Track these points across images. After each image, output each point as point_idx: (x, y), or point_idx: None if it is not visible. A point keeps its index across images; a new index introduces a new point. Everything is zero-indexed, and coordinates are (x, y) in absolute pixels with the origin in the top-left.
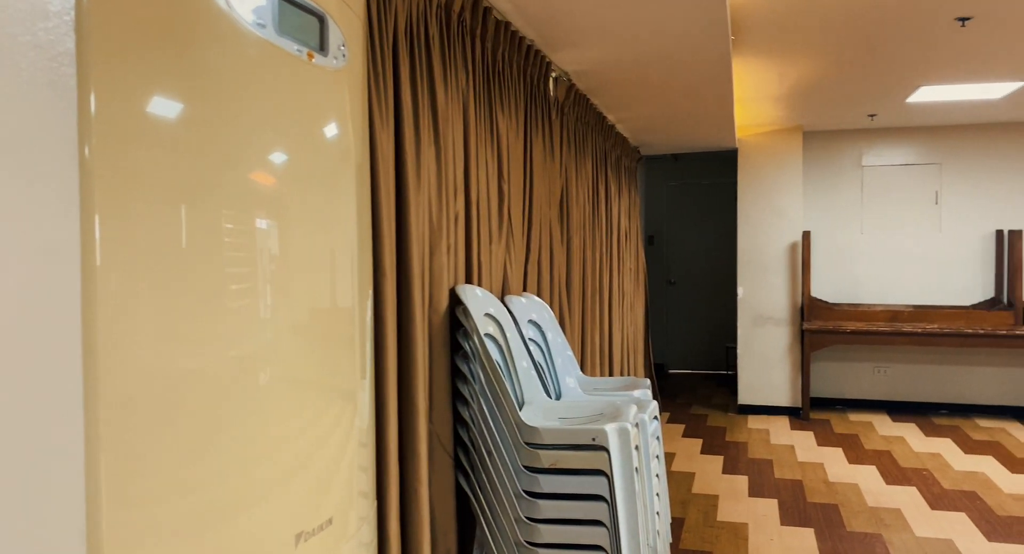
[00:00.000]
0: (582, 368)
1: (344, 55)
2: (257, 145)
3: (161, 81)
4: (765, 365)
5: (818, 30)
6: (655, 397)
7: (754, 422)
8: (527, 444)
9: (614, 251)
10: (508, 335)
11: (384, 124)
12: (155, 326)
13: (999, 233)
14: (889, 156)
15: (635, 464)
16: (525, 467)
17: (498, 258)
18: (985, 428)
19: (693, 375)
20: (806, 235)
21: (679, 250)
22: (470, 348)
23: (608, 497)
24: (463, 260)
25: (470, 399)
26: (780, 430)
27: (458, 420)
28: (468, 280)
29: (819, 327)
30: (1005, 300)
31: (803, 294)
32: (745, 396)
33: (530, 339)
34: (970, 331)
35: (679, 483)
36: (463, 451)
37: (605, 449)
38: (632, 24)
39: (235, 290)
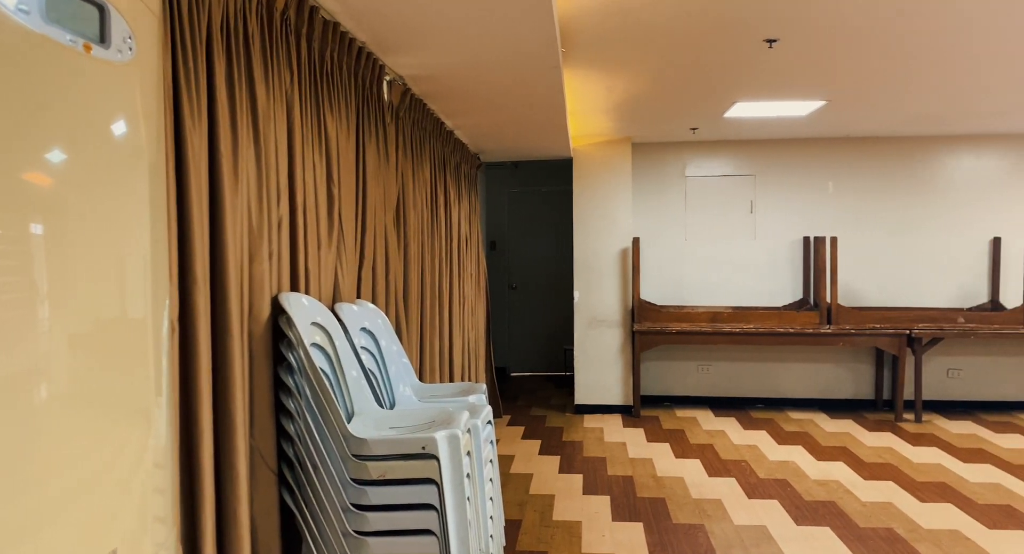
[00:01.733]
0: (421, 375)
1: (131, 49)
2: (26, 143)
3: None
4: (600, 366)
5: (641, 48)
6: (496, 400)
7: (590, 421)
8: (355, 456)
9: (454, 257)
10: (337, 344)
11: (196, 124)
12: None
13: (806, 239)
14: (709, 167)
15: (467, 470)
16: (353, 480)
17: (328, 265)
18: (796, 420)
19: (534, 377)
20: (636, 241)
21: (520, 255)
22: (294, 359)
23: (438, 506)
24: (288, 267)
25: (295, 413)
26: (613, 428)
27: (283, 435)
28: (294, 288)
29: (648, 328)
30: (812, 301)
31: (633, 297)
32: (581, 396)
33: (363, 348)
34: (782, 330)
35: (517, 484)
36: (288, 467)
37: (435, 457)
38: (462, 31)
39: (4, 300)
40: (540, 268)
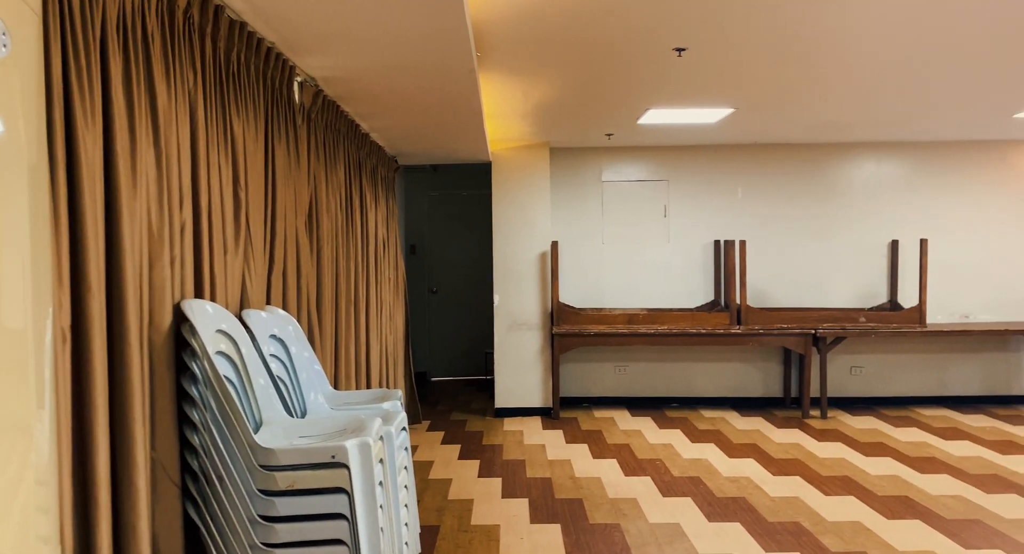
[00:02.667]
0: (335, 382)
1: (6, 46)
2: None
3: None
4: (520, 369)
5: (555, 54)
6: (415, 406)
7: (510, 424)
8: (262, 466)
9: (371, 261)
10: (244, 352)
11: (90, 124)
12: None
13: (717, 243)
14: (625, 173)
15: (379, 478)
16: (260, 491)
17: (235, 270)
18: (708, 418)
19: (455, 381)
20: (554, 245)
21: (441, 259)
22: (198, 369)
23: (349, 515)
24: (192, 273)
25: (199, 423)
26: (533, 430)
27: (187, 446)
28: (198, 294)
29: (567, 331)
30: (723, 303)
31: (552, 300)
32: (502, 400)
33: (272, 355)
34: (694, 331)
35: (436, 490)
36: (193, 479)
37: (345, 466)
38: (375, 34)
39: None
40: (461, 272)
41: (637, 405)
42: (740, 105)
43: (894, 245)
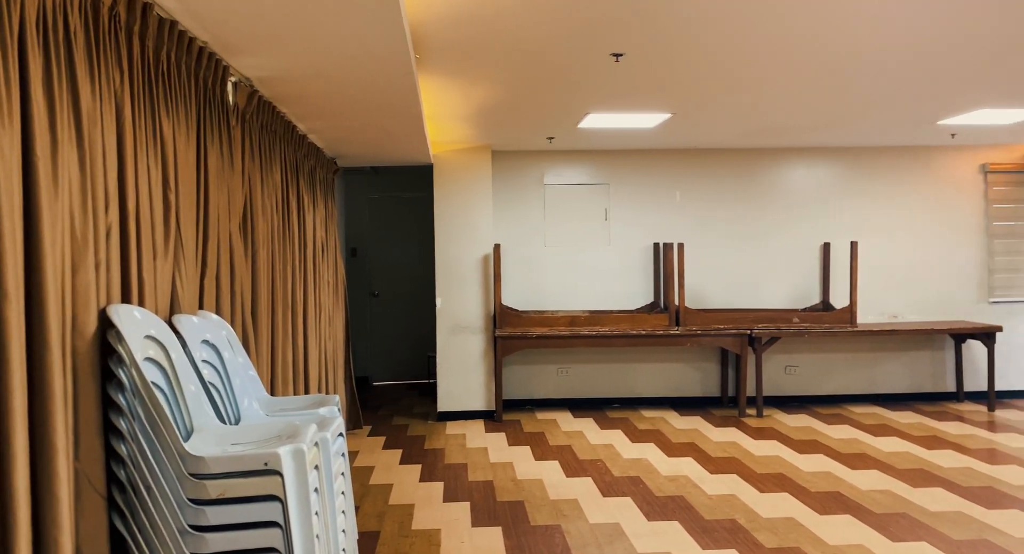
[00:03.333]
0: (272, 388)
1: None
2: None
3: None
4: (462, 372)
5: (495, 57)
6: (356, 411)
7: (452, 428)
8: (192, 475)
9: (309, 264)
10: (174, 358)
11: (7, 125)
12: None
13: (656, 245)
14: (566, 176)
15: (314, 485)
16: (190, 500)
17: (165, 275)
18: (649, 418)
19: (397, 385)
20: (497, 248)
21: (382, 262)
22: (125, 376)
23: (282, 522)
24: (118, 277)
25: (126, 432)
26: (476, 434)
27: (114, 456)
28: (126, 300)
29: (510, 333)
30: (662, 304)
31: (495, 303)
32: (444, 403)
33: (204, 361)
34: (635, 332)
35: (376, 496)
36: (120, 490)
37: (279, 473)
38: (310, 34)
39: None
40: (402, 275)
41: (579, 406)
42: (677, 110)
43: (826, 247)
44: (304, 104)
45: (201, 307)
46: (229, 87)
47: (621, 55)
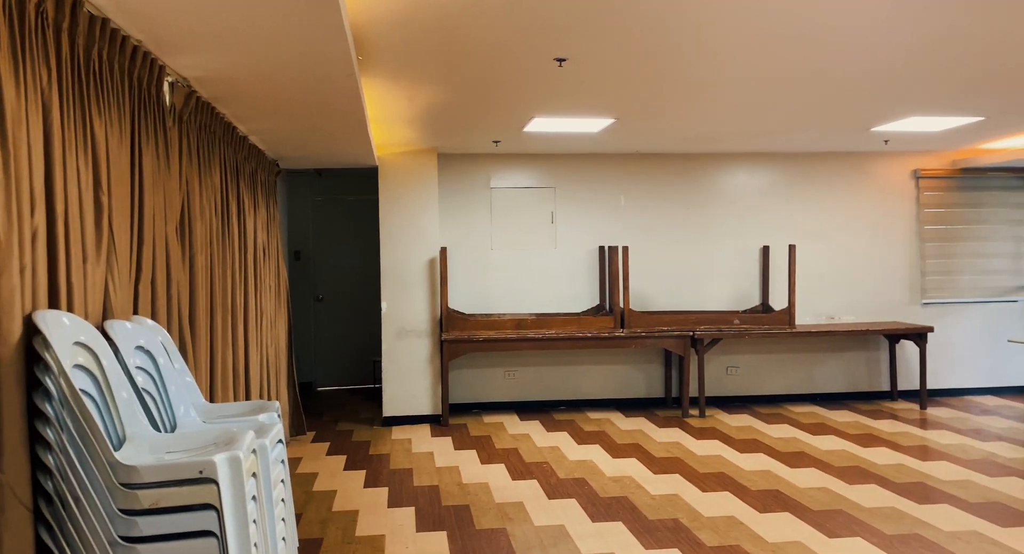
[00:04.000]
0: (211, 394)
1: None
2: None
3: None
4: (409, 376)
5: (436, 61)
6: (299, 417)
7: (398, 433)
8: (123, 485)
9: (250, 268)
10: (105, 365)
11: None
12: None
13: (602, 249)
14: (513, 179)
15: (252, 493)
16: (122, 511)
17: (96, 279)
18: (594, 420)
19: (342, 391)
20: (443, 251)
21: (327, 266)
22: (52, 384)
23: (219, 532)
24: (45, 283)
25: (54, 442)
26: (422, 438)
27: (41, 467)
28: (54, 305)
29: (456, 337)
30: (608, 307)
31: (441, 307)
32: (390, 408)
33: (138, 368)
34: (581, 335)
35: (320, 502)
36: (47, 502)
37: (214, 481)
38: (248, 34)
39: None
40: (347, 279)
41: (526, 409)
42: (620, 115)
43: (765, 250)
44: (244, 105)
45: (136, 312)
46: (166, 87)
47: (564, 60)
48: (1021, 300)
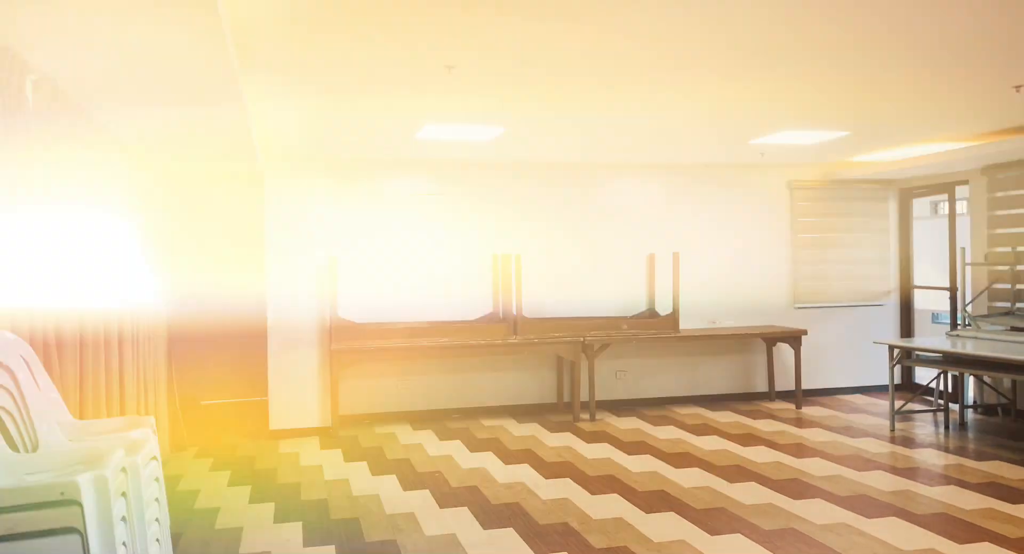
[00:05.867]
0: (82, 411)
1: None
2: None
3: None
4: (297, 387)
5: (322, 68)
6: (180, 432)
7: (286, 446)
8: None
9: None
10: None
11: None
12: None
13: (496, 256)
14: (407, 186)
15: (121, 514)
16: None
17: None
18: (488, 427)
19: (227, 404)
20: (332, 260)
21: (212, 275)
22: None
23: None
24: None
25: None
26: (311, 451)
27: None
28: None
29: (347, 346)
30: (501, 314)
31: (331, 315)
32: (277, 421)
33: None
34: (474, 342)
35: (202, 520)
36: None
37: (78, 503)
38: (114, 36)
39: None
40: (234, 288)
41: (420, 418)
42: (509, 125)
43: (651, 258)
44: (116, 110)
45: None
46: (28, 85)
47: (454, 67)
48: (887, 303)
